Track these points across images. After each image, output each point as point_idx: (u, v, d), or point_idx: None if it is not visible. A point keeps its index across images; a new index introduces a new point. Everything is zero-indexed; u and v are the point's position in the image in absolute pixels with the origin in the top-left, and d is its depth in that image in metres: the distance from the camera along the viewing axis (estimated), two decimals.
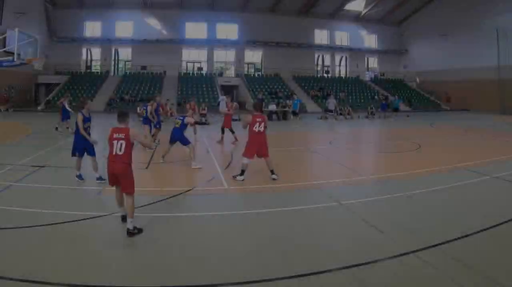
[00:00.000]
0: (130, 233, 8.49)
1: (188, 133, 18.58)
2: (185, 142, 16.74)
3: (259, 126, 14.07)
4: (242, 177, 13.83)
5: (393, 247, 8.07)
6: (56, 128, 26.72)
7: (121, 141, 8.87)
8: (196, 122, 19.09)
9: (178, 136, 16.80)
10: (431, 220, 9.86)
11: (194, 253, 7.81)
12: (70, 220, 9.32)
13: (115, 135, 8.95)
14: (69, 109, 26.04)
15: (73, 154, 13.54)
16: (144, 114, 22.33)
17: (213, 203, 11.52)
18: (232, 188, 13.14)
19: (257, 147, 14.03)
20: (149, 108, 21.90)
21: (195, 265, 7.29)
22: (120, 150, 8.87)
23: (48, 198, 11.31)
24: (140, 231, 8.68)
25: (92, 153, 13.54)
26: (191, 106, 24.81)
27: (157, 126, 22.43)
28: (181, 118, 17.19)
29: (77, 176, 13.36)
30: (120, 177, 8.92)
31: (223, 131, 23.30)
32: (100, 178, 13.05)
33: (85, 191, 12.24)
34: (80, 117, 13.12)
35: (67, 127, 26.20)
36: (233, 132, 22.71)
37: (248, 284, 6.66)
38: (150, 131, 21.98)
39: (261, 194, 12.34)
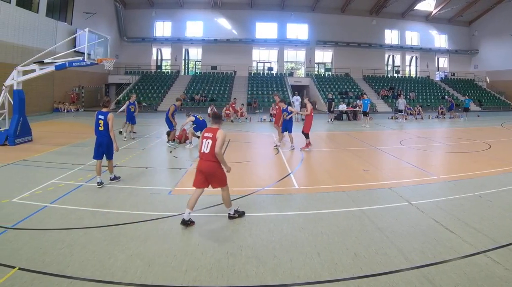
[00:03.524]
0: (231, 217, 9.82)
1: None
2: (291, 131, 21.04)
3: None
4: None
5: (463, 247, 8.10)
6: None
7: (208, 141, 9.41)
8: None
9: (288, 126, 21.03)
10: (502, 219, 9.79)
11: (264, 253, 7.90)
12: (140, 220, 9.56)
13: (205, 135, 9.59)
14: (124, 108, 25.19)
15: None
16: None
17: (283, 203, 11.57)
18: (302, 188, 13.28)
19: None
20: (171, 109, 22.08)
21: (264, 265, 7.38)
22: (206, 148, 9.40)
23: (118, 198, 11.63)
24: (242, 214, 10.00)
25: None
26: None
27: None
28: (288, 112, 20.70)
29: None
30: (210, 176, 9.52)
31: (307, 137, 21.26)
32: None
33: (155, 190, 12.44)
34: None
35: (131, 132, 25.33)
36: (307, 137, 21.22)
37: (318, 284, 6.77)
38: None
39: (331, 194, 12.33)
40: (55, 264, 7.22)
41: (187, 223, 9.28)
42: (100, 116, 13.13)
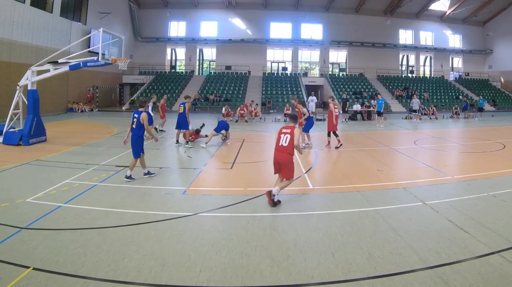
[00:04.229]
0: (273, 203, 10.87)
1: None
2: (306, 130, 21.67)
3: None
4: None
5: (477, 247, 8.10)
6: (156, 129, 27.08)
7: (287, 136, 11.15)
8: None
9: (305, 125, 21.55)
10: None
11: (278, 253, 7.91)
12: (154, 220, 9.65)
13: (283, 131, 11.39)
14: (151, 113, 25.60)
15: None
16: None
17: (297, 203, 11.57)
18: (317, 188, 13.31)
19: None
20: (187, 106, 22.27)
21: (279, 265, 7.39)
22: (285, 142, 11.16)
23: (132, 198, 11.69)
24: (278, 202, 11.02)
25: None
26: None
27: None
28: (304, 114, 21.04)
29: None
30: (282, 166, 11.32)
31: (329, 135, 22.18)
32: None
33: (170, 190, 12.52)
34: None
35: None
36: (336, 135, 21.93)
37: (332, 284, 6.79)
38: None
39: (346, 194, 12.36)
40: (69, 264, 7.26)
41: (275, 203, 10.99)
42: (135, 115, 14.06)
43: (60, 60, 21.09)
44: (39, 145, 21.31)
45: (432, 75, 71.45)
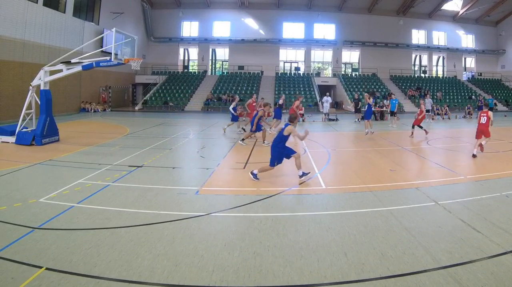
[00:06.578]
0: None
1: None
2: (368, 117, 27.29)
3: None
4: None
5: (490, 247, 8.06)
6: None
7: (484, 117, 18.79)
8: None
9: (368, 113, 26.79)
10: None
11: (291, 253, 7.89)
12: (167, 220, 9.66)
13: (481, 114, 19.08)
14: (233, 112, 28.81)
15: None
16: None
17: (310, 203, 11.54)
18: (329, 188, 13.22)
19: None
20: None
21: (291, 265, 7.37)
22: (483, 121, 18.76)
23: (145, 198, 11.66)
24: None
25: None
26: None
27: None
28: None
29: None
30: (483, 133, 18.71)
31: (413, 127, 27.52)
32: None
33: (182, 190, 12.51)
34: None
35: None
36: (421, 127, 27.19)
37: (345, 284, 6.76)
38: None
39: (358, 194, 12.33)
40: (82, 264, 7.27)
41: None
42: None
43: (73, 60, 21.16)
44: (52, 144, 21.39)
45: (444, 75, 71.37)
